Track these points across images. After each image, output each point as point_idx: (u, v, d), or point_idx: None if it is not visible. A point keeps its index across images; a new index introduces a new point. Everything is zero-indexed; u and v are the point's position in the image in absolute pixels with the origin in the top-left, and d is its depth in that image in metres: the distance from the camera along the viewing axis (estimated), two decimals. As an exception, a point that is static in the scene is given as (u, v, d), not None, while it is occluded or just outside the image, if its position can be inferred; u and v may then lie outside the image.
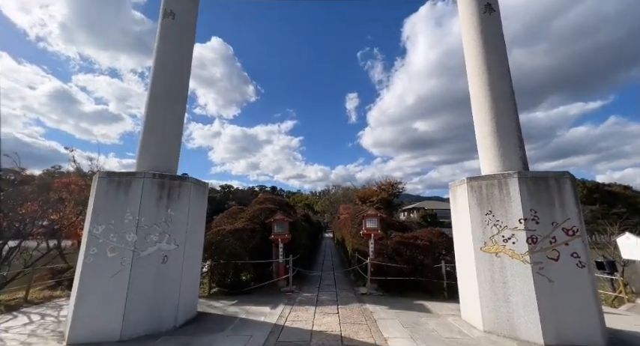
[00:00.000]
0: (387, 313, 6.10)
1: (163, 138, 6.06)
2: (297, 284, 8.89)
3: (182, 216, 5.60)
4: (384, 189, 23.33)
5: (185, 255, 5.57)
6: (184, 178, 5.81)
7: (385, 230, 9.62)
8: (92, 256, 4.90)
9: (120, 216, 5.07)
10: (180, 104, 6.47)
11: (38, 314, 6.37)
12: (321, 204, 63.47)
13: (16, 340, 4.77)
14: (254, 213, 9.89)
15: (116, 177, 5.25)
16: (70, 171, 13.46)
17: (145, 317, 4.88)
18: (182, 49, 6.64)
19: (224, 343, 4.52)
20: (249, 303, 6.84)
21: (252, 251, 8.62)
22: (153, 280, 5.06)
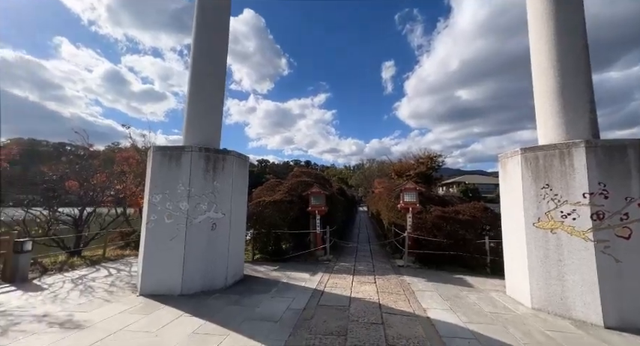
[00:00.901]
0: (426, 285, 6.10)
1: (206, 114, 6.30)
2: (334, 254, 9.20)
3: (227, 188, 5.95)
4: (422, 162, 22.29)
5: (231, 224, 6.00)
6: (227, 152, 6.07)
7: (424, 204, 9.34)
8: (153, 222, 5.49)
9: (173, 186, 5.53)
10: (220, 80, 6.59)
11: (114, 269, 7.48)
12: (355, 178, 63.32)
13: (101, 288, 5.69)
14: (291, 185, 10.18)
15: (168, 151, 5.66)
16: (127, 146, 14.88)
17: (199, 276, 5.47)
18: (219, 23, 6.61)
19: (269, 303, 4.92)
20: (290, 269, 7.28)
21: (291, 221, 9.00)
22: (204, 244, 5.57)
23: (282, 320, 4.19)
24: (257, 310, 4.57)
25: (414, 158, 24.43)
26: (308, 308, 4.67)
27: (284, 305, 4.80)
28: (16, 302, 4.87)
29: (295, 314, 4.42)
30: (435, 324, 4.13)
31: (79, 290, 5.55)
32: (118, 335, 3.70)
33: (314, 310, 4.58)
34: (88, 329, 3.87)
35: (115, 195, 11.35)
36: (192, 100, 6.26)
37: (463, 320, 4.25)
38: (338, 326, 3.98)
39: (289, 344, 3.48)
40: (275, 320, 4.16)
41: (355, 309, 4.65)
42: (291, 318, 4.25)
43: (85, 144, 11.76)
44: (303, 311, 4.51)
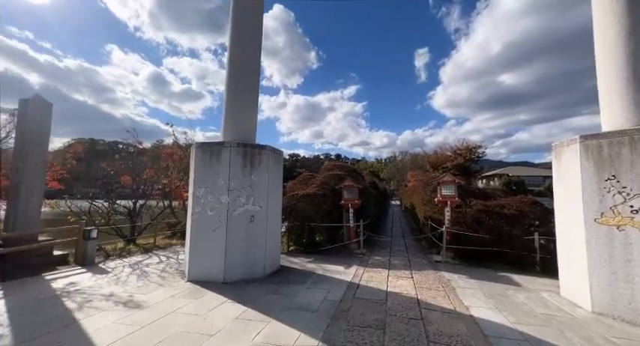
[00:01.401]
0: (467, 282, 5.82)
1: (242, 110, 6.52)
2: (368, 248, 9.13)
3: (263, 181, 6.15)
4: (459, 153, 21.01)
5: (268, 216, 6.20)
6: (263, 147, 6.25)
7: (463, 197, 8.85)
8: (197, 213, 5.87)
9: (214, 180, 5.84)
10: (254, 78, 6.76)
11: (164, 256, 8.17)
12: (386, 171, 61.91)
13: (155, 274, 6.25)
14: (324, 179, 10.23)
15: (208, 147, 5.97)
16: (170, 143, 15.99)
17: (240, 265, 5.76)
18: (253, 22, 6.75)
19: (306, 293, 5.05)
20: (324, 262, 7.38)
21: (324, 215, 9.09)
22: (244, 235, 5.84)
23: (320, 310, 4.28)
24: (295, 300, 4.71)
25: (450, 149, 23.16)
26: (344, 300, 4.71)
27: (320, 296, 4.89)
28: (88, 283, 5.54)
29: (332, 305, 4.49)
30: (478, 323, 3.93)
31: (137, 275, 6.16)
32: (172, 316, 4.05)
33: (350, 302, 4.61)
34: (146, 309, 4.28)
35: (162, 189, 12.34)
36: (229, 98, 6.51)
37: (511, 321, 3.99)
38: (376, 320, 3.97)
39: (328, 333, 3.55)
40: (312, 310, 4.26)
41: (392, 303, 4.59)
42: (328, 309, 4.32)
43: (135, 142, 12.89)
44: (340, 303, 4.55)
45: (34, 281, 5.68)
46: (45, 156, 7.64)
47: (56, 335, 3.45)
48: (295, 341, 3.36)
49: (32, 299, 4.66)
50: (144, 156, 13.11)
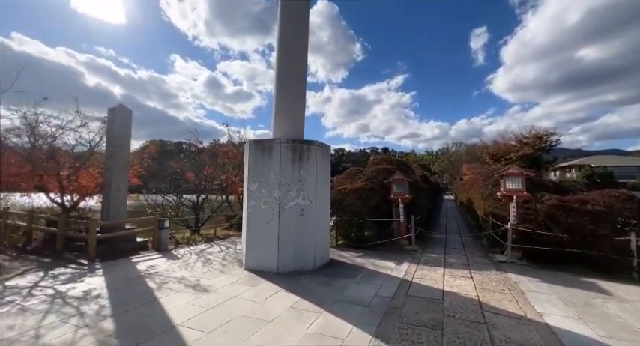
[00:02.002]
0: (539, 286, 5.17)
1: (291, 107, 6.71)
2: (420, 244, 8.72)
3: (312, 176, 6.25)
4: (527, 142, 18.52)
5: (317, 210, 6.31)
6: (311, 142, 6.35)
7: (532, 191, 7.84)
8: (252, 207, 6.25)
9: (266, 175, 6.13)
10: (302, 75, 6.89)
11: (224, 246, 8.91)
12: (438, 164, 58.18)
13: (216, 261, 6.86)
14: (372, 173, 10.02)
15: (260, 144, 6.28)
16: (225, 142, 17.27)
17: (291, 257, 5.99)
18: (300, 22, 6.89)
19: (357, 288, 5.03)
20: (374, 257, 7.26)
21: (372, 209, 8.91)
22: (295, 228, 6.04)
23: (372, 305, 4.22)
24: (346, 293, 4.73)
25: (514, 138, 20.60)
26: (397, 296, 4.57)
27: (371, 291, 4.82)
28: (163, 267, 6.33)
29: (384, 301, 4.39)
30: (556, 332, 3.46)
31: (202, 262, 6.83)
32: (233, 300, 4.40)
33: (403, 299, 4.45)
34: (211, 293, 4.73)
35: (220, 185, 13.43)
36: (279, 97, 6.73)
37: (600, 334, 3.43)
38: (432, 319, 3.77)
39: (381, 329, 3.48)
40: (364, 305, 4.22)
41: (450, 304, 4.31)
42: (380, 305, 4.24)
43: (196, 142, 14.24)
44: (392, 300, 4.43)
45: (123, 263, 6.69)
46: (128, 156, 8.90)
47: (142, 310, 4.02)
48: (348, 333, 3.37)
49: (123, 278, 5.50)
50: (203, 154, 14.43)
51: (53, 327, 3.47)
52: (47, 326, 3.49)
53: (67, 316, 3.78)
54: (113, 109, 8.43)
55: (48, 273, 5.69)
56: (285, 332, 3.40)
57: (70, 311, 3.95)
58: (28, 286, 4.92)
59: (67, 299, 4.37)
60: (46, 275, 5.59)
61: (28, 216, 8.50)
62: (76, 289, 4.82)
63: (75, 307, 4.08)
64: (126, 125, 8.59)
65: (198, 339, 3.23)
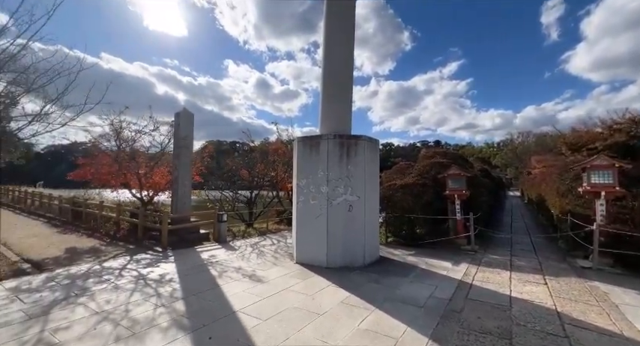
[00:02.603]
0: (638, 299, 4.31)
1: (337, 103, 6.67)
2: (480, 244, 7.98)
3: (360, 172, 6.14)
4: (619, 129, 15.44)
5: (366, 206, 6.19)
6: (359, 137, 6.23)
7: (627, 187, 6.55)
8: (301, 202, 6.40)
9: (315, 171, 6.21)
10: (349, 71, 6.79)
11: (275, 240, 9.33)
12: (500, 157, 52.60)
13: (269, 254, 7.22)
14: (423, 168, 9.47)
15: (308, 140, 6.38)
16: (274, 140, 18.04)
17: (340, 253, 5.99)
18: (346, 15, 6.76)
19: (409, 287, 4.81)
20: (427, 256, 6.87)
21: (424, 206, 8.42)
22: (343, 224, 6.01)
23: (427, 306, 3.99)
24: (397, 292, 4.56)
25: (601, 124, 17.38)
26: (455, 299, 4.24)
27: (426, 291, 4.56)
28: (223, 257, 6.89)
29: (440, 303, 4.12)
30: (666, 358, 2.84)
31: (256, 254, 7.26)
32: (286, 292, 4.57)
33: (463, 303, 4.12)
34: (266, 283, 4.99)
35: (270, 181, 14.10)
36: (325, 93, 6.74)
37: None
38: (498, 327, 3.41)
39: (438, 333, 3.27)
40: (419, 305, 4.01)
41: (520, 312, 3.84)
42: (436, 307, 3.98)
43: (248, 141, 15.16)
44: (450, 302, 4.13)
45: (190, 252, 7.45)
46: (191, 155, 9.88)
47: (207, 295, 4.43)
48: (402, 334, 3.24)
49: (190, 265, 6.13)
50: (255, 152, 15.30)
51: (138, 304, 4.03)
52: (133, 303, 4.06)
53: (147, 295, 4.36)
54: (178, 114, 9.41)
55: (133, 258, 6.63)
56: (337, 327, 3.41)
57: (150, 291, 4.55)
58: (118, 268, 5.81)
59: (148, 281, 5.04)
60: (132, 259, 6.52)
61: (116, 209, 10.03)
62: (154, 273, 5.53)
63: (153, 288, 4.68)
64: (189, 127, 9.52)
65: (256, 326, 3.43)
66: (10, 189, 20.91)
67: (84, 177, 10.24)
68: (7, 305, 3.97)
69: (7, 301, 4.09)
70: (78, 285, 4.77)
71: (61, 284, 4.83)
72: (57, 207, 13.20)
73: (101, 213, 10.43)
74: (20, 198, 17.61)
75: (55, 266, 5.89)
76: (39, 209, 14.74)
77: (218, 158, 16.62)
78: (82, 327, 3.36)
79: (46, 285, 4.76)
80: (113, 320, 3.54)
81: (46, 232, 9.75)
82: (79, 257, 6.70)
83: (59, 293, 4.39)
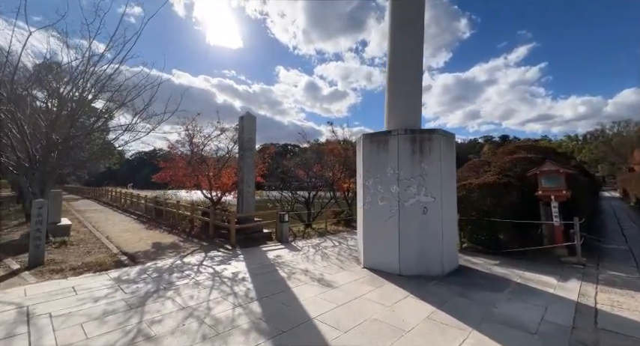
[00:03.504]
0: None
1: (406, 96, 6.12)
2: (586, 256, 6.55)
3: (435, 170, 5.50)
4: None
5: (442, 208, 5.51)
6: (433, 131, 5.60)
7: None
8: (368, 204, 6.01)
9: (383, 170, 5.77)
10: (418, 60, 6.19)
11: (336, 241, 9.09)
12: (588, 151, 44.63)
13: (333, 256, 6.99)
14: (505, 164, 8.23)
15: (375, 137, 5.97)
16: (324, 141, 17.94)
17: (414, 259, 5.42)
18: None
19: (509, 306, 4.04)
20: (519, 268, 5.85)
21: (507, 208, 7.26)
22: (417, 228, 5.44)
23: (542, 334, 3.24)
24: (495, 311, 3.86)
25: None
26: (580, 327, 3.39)
27: (534, 313, 3.76)
28: (288, 257, 6.88)
29: (559, 331, 3.32)
30: None
31: (320, 255, 7.09)
32: (360, 301, 4.24)
33: (593, 333, 3.25)
34: (336, 289, 4.73)
35: (327, 181, 13.99)
36: (392, 86, 6.25)
37: None
38: (659, 375, 2.54)
39: (569, 373, 2.57)
40: (530, 332, 3.29)
41: (685, 355, 2.86)
42: (556, 335, 3.21)
43: (304, 142, 15.33)
44: (574, 331, 3.30)
45: (256, 251, 7.65)
46: (254, 157, 10.27)
47: (280, 297, 4.34)
48: (519, 369, 2.63)
49: (259, 264, 6.23)
50: (309, 153, 15.40)
51: (217, 302, 4.12)
52: (214, 301, 4.17)
53: (225, 294, 4.46)
54: (242, 117, 9.85)
55: (207, 255, 7.04)
56: (431, 349, 2.94)
57: (226, 289, 4.66)
58: (196, 264, 6.18)
59: (223, 279, 5.21)
60: (206, 256, 6.92)
61: (190, 208, 10.97)
62: (227, 270, 5.73)
63: (229, 286, 4.79)
64: (252, 130, 9.89)
65: (337, 338, 3.16)
66: (109, 189, 24.87)
67: (164, 179, 11.43)
68: (112, 294, 4.42)
69: (112, 290, 4.58)
70: (165, 279, 5.15)
71: (152, 276, 5.28)
72: (143, 205, 15.11)
73: (178, 211, 11.54)
74: (116, 198, 20.76)
75: (146, 260, 6.53)
76: (130, 207, 17.10)
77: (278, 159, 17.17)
78: (173, 322, 3.51)
79: (140, 277, 5.25)
80: (198, 317, 3.64)
81: (136, 227, 11.13)
82: (163, 252, 7.38)
83: (151, 286, 4.77)
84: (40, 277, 5.23)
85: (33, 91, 8.36)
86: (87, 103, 8.56)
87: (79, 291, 4.51)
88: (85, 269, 5.70)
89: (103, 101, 8.67)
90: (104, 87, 8.17)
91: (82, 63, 7.35)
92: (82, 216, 14.13)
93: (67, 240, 8.01)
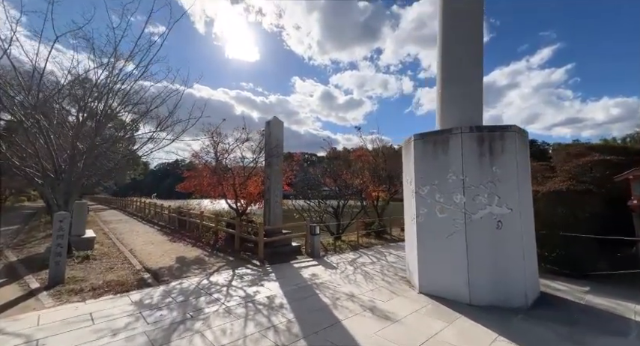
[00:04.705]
0: None
1: (465, 89, 5.24)
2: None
3: (510, 175, 4.52)
4: None
5: (522, 222, 4.50)
6: (506, 127, 4.65)
7: None
8: (423, 215, 5.09)
9: (442, 176, 4.86)
10: (477, 40, 5.31)
11: (373, 257, 8.13)
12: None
13: (376, 276, 6.04)
14: (577, 169, 7.03)
15: (431, 137, 5.09)
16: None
17: (488, 286, 4.41)
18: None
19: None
20: (625, 298, 4.66)
21: (585, 221, 6.08)
22: (490, 246, 4.45)
23: None
24: (636, 368, 2.80)
25: None
26: None
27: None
28: (326, 277, 6.02)
29: None
30: None
31: (361, 275, 6.18)
32: (436, 342, 3.31)
33: None
34: (397, 323, 3.81)
35: (355, 189, 13.09)
36: (446, 73, 5.41)
37: None
38: None
39: None
40: None
41: None
42: None
43: (327, 148, 14.60)
44: None
45: (287, 267, 6.86)
46: (281, 164, 9.62)
47: (331, 334, 3.49)
48: None
49: (295, 286, 5.42)
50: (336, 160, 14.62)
51: (256, 341, 3.33)
52: (250, 338, 3.39)
53: (262, 327, 3.67)
54: (269, 122, 9.26)
55: (235, 272, 6.33)
56: None
57: (263, 321, 3.87)
58: (225, 284, 5.46)
59: (257, 305, 4.44)
60: (234, 274, 6.21)
61: (215, 219, 10.42)
62: (260, 293, 4.96)
63: (266, 317, 4.00)
64: (280, 135, 9.27)
65: None
66: (134, 200, 25.22)
67: (189, 188, 11.02)
68: (133, 324, 3.76)
69: (133, 319, 3.92)
70: (192, 304, 4.45)
71: (177, 301, 4.60)
72: (167, 216, 14.85)
73: (202, 222, 11.03)
74: (141, 208, 20.85)
75: (170, 278, 5.91)
76: (154, 217, 16.96)
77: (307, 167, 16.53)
78: (204, 372, 2.75)
79: (164, 301, 4.58)
80: (235, 364, 2.87)
81: (160, 239, 10.70)
82: (187, 268, 6.75)
83: (176, 314, 4.07)
84: (57, 299, 4.70)
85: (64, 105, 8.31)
86: (113, 115, 8.42)
87: (97, 320, 3.89)
88: (106, 289, 5.13)
89: (127, 112, 8.55)
90: (130, 99, 8.08)
91: (111, 80, 7.23)
92: (107, 226, 14.02)
93: (89, 254, 7.60)
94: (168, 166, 76.10)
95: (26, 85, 6.49)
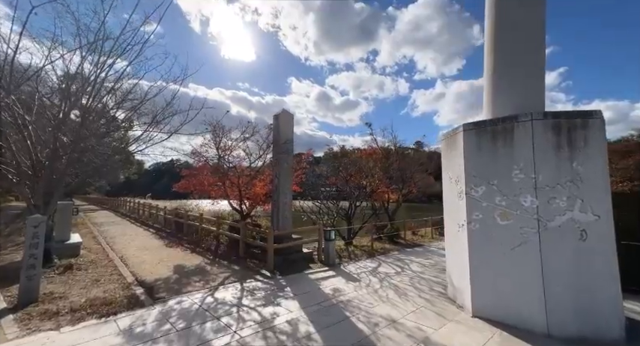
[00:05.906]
0: None
1: (524, 65, 4.35)
2: None
3: (595, 172, 3.64)
4: None
5: (610, 231, 3.62)
6: (589, 113, 3.77)
7: None
8: (477, 221, 4.19)
9: (504, 173, 3.97)
10: (540, 22, 4.43)
11: (395, 265, 7.20)
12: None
13: (409, 291, 5.08)
14: (628, 167, 6.20)
15: (488, 127, 4.19)
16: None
17: (571, 311, 3.52)
18: None
19: None
20: None
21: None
22: (571, 262, 3.56)
23: None
24: None
25: None
26: None
27: None
28: (350, 292, 5.09)
29: None
30: None
31: (391, 289, 5.28)
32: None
33: None
34: (469, 365, 2.91)
35: (364, 190, 12.18)
36: (499, 51, 4.52)
37: None
38: None
39: None
40: None
41: None
42: None
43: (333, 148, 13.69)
44: None
45: (302, 279, 5.94)
46: (291, 162, 8.67)
47: (389, 387, 2.57)
48: None
49: (319, 305, 4.48)
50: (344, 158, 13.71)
51: (289, 400, 2.40)
52: (281, 395, 2.46)
53: (294, 374, 2.74)
54: (277, 116, 8.32)
55: (243, 286, 5.39)
56: None
57: (293, 362, 2.94)
58: (234, 303, 4.52)
59: (279, 335, 3.50)
60: (243, 288, 5.27)
61: (216, 222, 9.44)
62: (279, 317, 4.03)
63: (295, 355, 3.07)
64: (289, 130, 8.34)
65: None
66: (127, 200, 24.03)
67: (187, 188, 10.03)
68: (116, 369, 2.80)
69: (117, 360, 2.96)
70: (196, 334, 3.51)
71: (177, 328, 3.64)
72: (162, 217, 13.79)
73: (201, 225, 10.04)
74: (134, 209, 19.72)
75: (167, 294, 4.94)
76: (148, 219, 15.87)
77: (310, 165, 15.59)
78: None
79: (160, 329, 3.63)
80: None
81: (155, 244, 9.67)
82: (187, 280, 5.78)
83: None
84: (24, 326, 3.72)
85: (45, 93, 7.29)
86: (106, 112, 7.46)
87: (70, 360, 2.92)
88: (88, 311, 4.15)
89: (117, 107, 7.57)
90: (125, 99, 7.13)
91: (99, 67, 6.25)
92: (97, 229, 12.93)
93: (74, 263, 6.58)
94: (163, 165, 74.65)
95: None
